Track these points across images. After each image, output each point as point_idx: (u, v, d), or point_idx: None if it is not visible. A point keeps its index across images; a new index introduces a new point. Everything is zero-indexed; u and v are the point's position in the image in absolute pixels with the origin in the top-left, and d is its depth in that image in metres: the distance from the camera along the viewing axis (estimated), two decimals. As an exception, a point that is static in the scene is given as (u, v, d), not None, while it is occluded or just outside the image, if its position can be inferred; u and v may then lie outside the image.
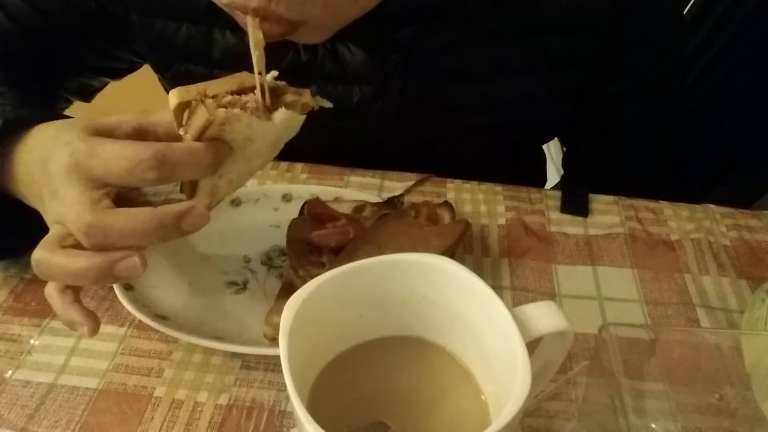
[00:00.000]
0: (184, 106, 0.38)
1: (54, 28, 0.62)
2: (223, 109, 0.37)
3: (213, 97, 0.38)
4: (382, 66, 0.60)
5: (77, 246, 0.38)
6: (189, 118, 0.38)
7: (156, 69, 0.66)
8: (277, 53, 0.60)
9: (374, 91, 0.61)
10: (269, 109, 0.39)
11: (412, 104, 0.62)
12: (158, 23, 0.60)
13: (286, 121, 0.40)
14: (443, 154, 0.67)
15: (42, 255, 0.38)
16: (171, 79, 0.65)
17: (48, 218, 0.40)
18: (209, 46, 0.61)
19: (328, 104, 0.41)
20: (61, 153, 0.38)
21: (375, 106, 0.62)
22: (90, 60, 0.67)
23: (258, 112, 0.38)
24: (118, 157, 0.37)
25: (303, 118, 0.41)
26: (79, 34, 0.63)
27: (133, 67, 0.71)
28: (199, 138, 0.38)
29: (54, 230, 0.39)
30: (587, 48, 0.61)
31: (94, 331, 0.39)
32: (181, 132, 0.39)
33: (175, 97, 0.38)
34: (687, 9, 0.93)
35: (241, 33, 0.60)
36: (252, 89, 0.39)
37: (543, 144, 0.86)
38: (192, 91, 0.38)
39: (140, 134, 0.41)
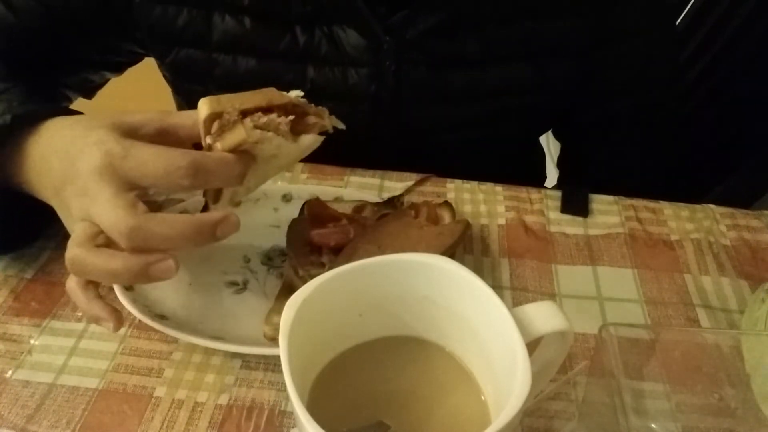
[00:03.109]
0: (214, 117, 0.40)
1: (56, 21, 0.62)
2: (259, 131, 0.40)
3: (244, 112, 0.39)
4: (376, 48, 0.60)
5: (108, 244, 0.39)
6: (221, 130, 0.40)
7: (155, 55, 0.67)
8: (274, 36, 0.61)
9: (369, 73, 0.62)
10: (296, 132, 0.42)
11: (407, 89, 0.63)
12: (158, 7, 0.61)
13: (309, 145, 0.43)
14: (440, 145, 0.67)
15: (78, 253, 0.39)
16: (170, 64, 0.65)
17: (69, 213, 0.41)
18: (209, 30, 0.61)
19: (341, 125, 0.44)
20: (93, 152, 0.39)
21: (370, 89, 0.63)
22: (91, 54, 0.68)
23: (287, 135, 0.41)
24: (155, 162, 0.38)
25: (322, 139, 0.44)
26: (81, 26, 0.64)
27: (133, 60, 0.71)
28: (231, 151, 0.40)
29: (83, 227, 0.40)
30: (580, 34, 0.62)
31: (117, 327, 0.41)
32: (208, 140, 0.40)
33: (206, 107, 0.39)
34: (686, 10, 0.93)
35: (240, 16, 0.61)
36: (280, 107, 0.41)
37: (539, 135, 0.86)
38: (223, 102, 0.40)
39: (162, 135, 0.42)
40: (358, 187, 0.62)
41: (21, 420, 0.43)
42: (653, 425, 0.39)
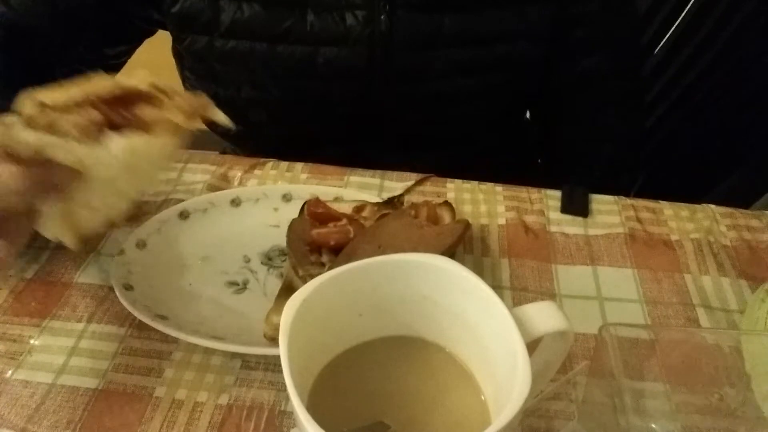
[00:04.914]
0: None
1: None
2: (30, 133, 0.31)
3: (64, 108, 0.31)
4: None
5: None
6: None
7: (164, 6, 0.68)
8: None
9: (364, 15, 0.64)
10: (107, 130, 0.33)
11: (399, 31, 0.66)
12: None
13: (130, 149, 0.33)
14: (432, 96, 0.71)
15: None
16: (176, 15, 0.67)
17: None
18: None
19: (225, 121, 0.37)
20: None
21: (364, 32, 0.65)
22: (109, 23, 0.70)
23: (83, 138, 0.32)
24: None
25: (168, 141, 0.34)
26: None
27: (148, 30, 0.74)
28: (30, 159, 0.32)
29: None
30: None
31: None
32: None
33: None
34: (687, 9, 0.93)
35: None
36: (113, 99, 0.33)
37: (524, 90, 0.87)
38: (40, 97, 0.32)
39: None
40: (358, 187, 0.62)
41: (21, 420, 0.43)
42: (653, 425, 0.39)
